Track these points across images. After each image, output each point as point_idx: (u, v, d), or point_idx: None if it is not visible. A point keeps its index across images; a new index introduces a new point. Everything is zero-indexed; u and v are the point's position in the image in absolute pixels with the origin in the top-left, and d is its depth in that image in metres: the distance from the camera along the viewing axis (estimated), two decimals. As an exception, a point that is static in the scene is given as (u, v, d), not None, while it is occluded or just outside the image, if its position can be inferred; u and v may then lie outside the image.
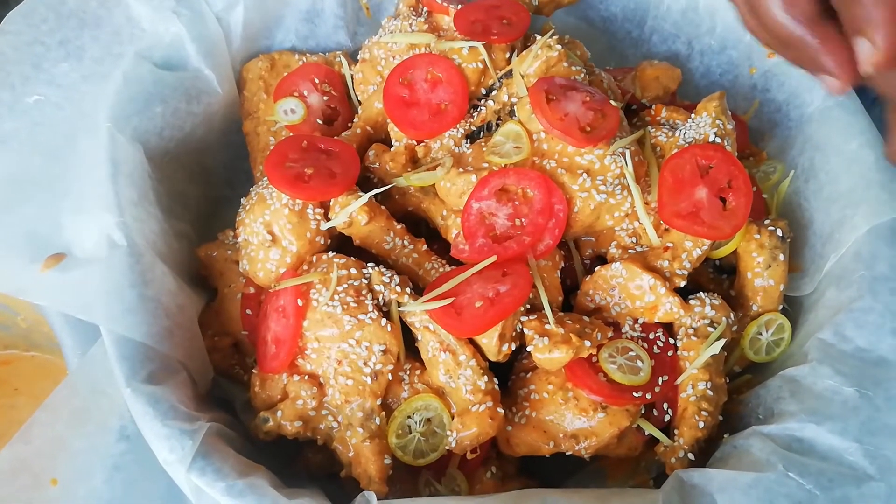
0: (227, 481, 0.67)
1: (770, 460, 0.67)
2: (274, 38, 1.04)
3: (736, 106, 1.01)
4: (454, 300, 0.75)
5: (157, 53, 0.93)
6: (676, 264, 0.80)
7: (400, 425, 0.76)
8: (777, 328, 0.83)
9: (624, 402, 0.74)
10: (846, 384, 0.70)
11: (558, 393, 0.76)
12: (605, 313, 0.81)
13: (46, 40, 0.93)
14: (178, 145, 0.93)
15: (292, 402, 0.77)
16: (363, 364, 0.76)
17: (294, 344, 0.77)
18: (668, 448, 0.76)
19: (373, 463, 0.73)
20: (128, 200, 0.81)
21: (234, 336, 0.88)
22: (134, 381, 0.71)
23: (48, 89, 0.93)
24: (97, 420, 0.74)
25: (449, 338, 0.76)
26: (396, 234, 0.84)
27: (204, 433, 0.70)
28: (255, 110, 1.00)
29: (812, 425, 0.68)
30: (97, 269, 0.76)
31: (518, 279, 0.75)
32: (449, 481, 0.78)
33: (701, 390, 0.76)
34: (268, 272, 0.83)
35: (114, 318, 0.74)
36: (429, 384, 0.78)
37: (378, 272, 0.79)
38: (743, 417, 0.78)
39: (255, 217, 0.83)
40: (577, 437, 0.75)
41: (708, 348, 0.76)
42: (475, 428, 0.73)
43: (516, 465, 0.82)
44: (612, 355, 0.76)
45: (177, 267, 0.85)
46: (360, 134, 0.93)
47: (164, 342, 0.76)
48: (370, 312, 0.76)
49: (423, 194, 0.87)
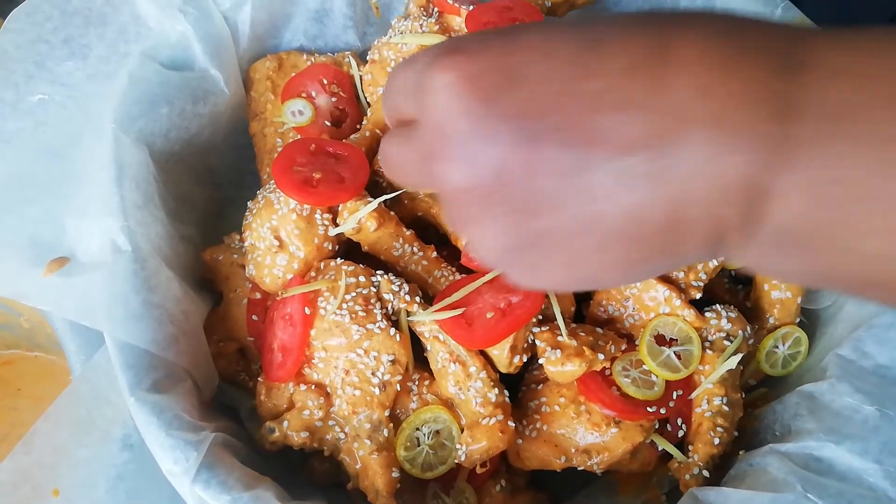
0: (231, 494, 0.66)
1: (788, 480, 0.65)
2: (282, 37, 1.02)
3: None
4: (465, 310, 0.74)
5: (163, 53, 0.91)
6: (692, 275, 0.78)
7: (408, 437, 0.75)
8: (794, 341, 0.81)
9: (637, 417, 0.73)
10: (866, 402, 0.68)
11: (570, 406, 0.74)
12: (618, 324, 0.79)
13: (51, 38, 0.91)
14: (184, 147, 0.91)
15: (299, 412, 0.76)
16: (371, 374, 0.74)
17: (301, 353, 0.76)
18: (682, 464, 0.74)
19: (380, 476, 0.72)
20: (132, 204, 0.79)
21: (239, 342, 0.87)
22: (138, 389, 0.70)
23: (52, 88, 0.91)
24: (100, 429, 0.73)
25: (459, 349, 0.74)
26: (406, 241, 0.82)
27: (209, 444, 0.69)
28: (262, 111, 0.98)
29: (831, 444, 0.67)
30: (101, 275, 0.75)
31: (530, 290, 0.73)
32: (457, 494, 0.76)
33: (716, 405, 0.74)
34: (274, 278, 0.81)
35: (118, 325, 0.72)
36: (438, 395, 0.77)
37: (387, 280, 0.78)
38: (759, 433, 0.77)
39: (262, 222, 0.82)
40: (589, 451, 0.73)
41: (724, 363, 0.74)
42: (485, 441, 0.72)
43: (526, 477, 0.81)
44: (625, 368, 0.75)
45: (182, 271, 0.84)
46: (368, 137, 0.91)
47: (169, 349, 0.74)
48: (379, 322, 0.75)
49: (432, 200, 0.85)
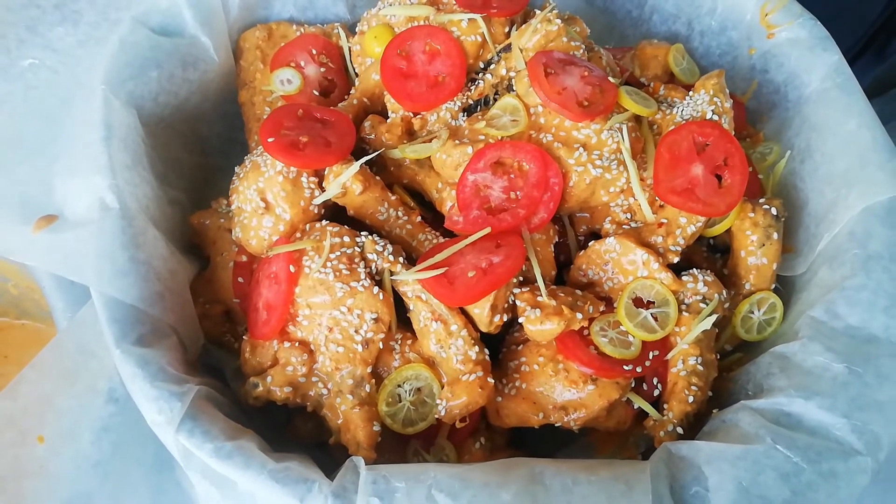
0: (215, 443, 0.67)
1: (758, 433, 0.67)
2: (272, 8, 1.03)
3: (735, 87, 1.00)
4: (447, 270, 0.75)
5: (153, 19, 0.92)
6: (670, 240, 0.80)
7: (390, 394, 0.76)
8: (769, 307, 0.83)
9: (614, 375, 0.74)
10: (836, 361, 0.70)
11: (549, 365, 0.76)
12: (597, 288, 0.81)
13: (42, 3, 0.92)
14: (174, 112, 0.92)
15: (282, 369, 0.77)
16: (354, 332, 0.76)
17: (285, 310, 0.77)
18: (657, 422, 0.76)
19: (361, 429, 0.73)
20: (121, 164, 0.80)
21: (225, 304, 0.88)
22: (124, 342, 0.71)
23: (43, 53, 0.92)
24: (86, 381, 0.74)
25: (441, 307, 0.76)
26: (391, 205, 0.83)
27: (193, 395, 0.70)
28: (251, 80, 0.99)
29: (801, 400, 0.68)
30: (89, 231, 0.76)
31: (511, 250, 0.75)
32: (438, 451, 0.78)
33: (691, 365, 0.76)
34: (260, 240, 0.83)
35: (104, 280, 0.73)
36: (420, 354, 0.78)
37: (371, 241, 0.79)
38: (732, 394, 0.79)
39: (248, 184, 0.83)
40: (566, 408, 0.75)
41: (699, 324, 0.76)
42: (465, 397, 0.73)
43: (506, 437, 0.82)
44: (603, 329, 0.76)
45: (169, 233, 0.85)
46: (356, 105, 0.93)
47: (154, 305, 0.75)
48: (362, 280, 0.76)
49: (418, 167, 0.87)
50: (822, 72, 0.89)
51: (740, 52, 1.00)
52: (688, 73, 0.98)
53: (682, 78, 0.97)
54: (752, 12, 0.98)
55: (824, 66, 0.89)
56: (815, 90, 0.90)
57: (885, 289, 0.73)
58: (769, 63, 0.97)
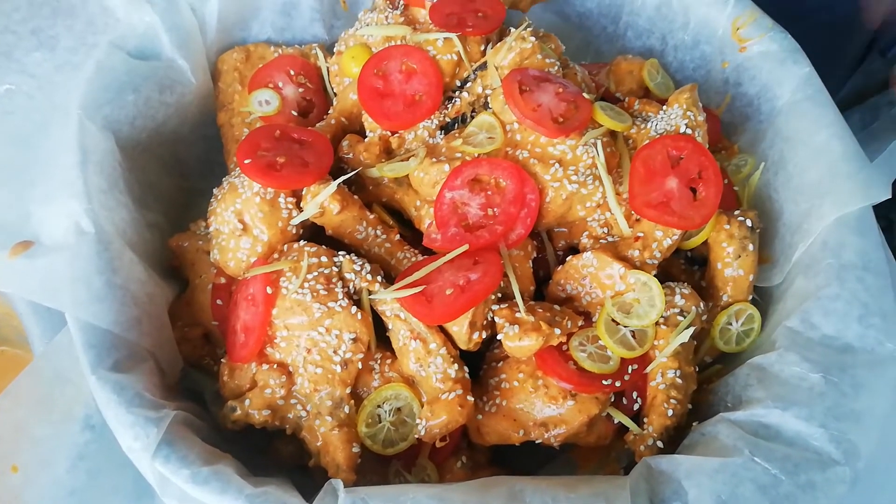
0: (191, 469, 0.66)
1: (736, 446, 0.67)
2: (250, 29, 1.04)
3: (709, 100, 1.01)
4: (425, 288, 0.75)
5: (130, 43, 0.93)
6: (647, 254, 0.80)
7: (370, 414, 0.76)
8: (747, 318, 0.83)
9: (593, 390, 0.74)
10: (813, 371, 0.70)
11: (528, 381, 0.76)
12: (576, 303, 0.81)
13: (18, 29, 0.92)
14: (151, 135, 0.93)
15: (261, 391, 0.76)
16: (333, 352, 0.75)
17: (263, 332, 0.76)
18: (637, 436, 0.76)
19: (341, 451, 0.73)
20: (97, 188, 0.80)
21: (204, 327, 0.87)
22: (100, 368, 0.71)
23: (20, 79, 0.92)
24: (61, 408, 0.73)
25: (420, 326, 0.76)
26: (369, 224, 0.84)
27: (170, 421, 0.69)
28: (229, 101, 1.00)
29: (778, 411, 0.69)
30: (64, 257, 0.76)
31: (489, 267, 0.75)
32: (419, 471, 0.77)
33: (670, 378, 0.76)
34: (238, 261, 0.82)
35: (80, 305, 0.73)
36: (399, 373, 0.78)
37: (349, 260, 0.79)
38: (712, 405, 0.79)
39: (226, 206, 0.83)
40: (546, 424, 0.75)
41: (677, 337, 0.76)
42: (444, 416, 0.73)
43: (487, 455, 0.82)
44: (582, 344, 0.76)
45: (148, 257, 0.84)
46: (334, 125, 0.93)
47: (131, 330, 0.75)
48: (340, 300, 0.76)
49: (396, 185, 0.87)
50: (792, 84, 0.91)
51: (714, 65, 1.01)
52: (663, 87, 0.99)
53: (658, 92, 0.98)
54: (724, 27, 0.99)
55: (795, 79, 0.91)
56: (786, 102, 0.91)
57: (859, 298, 0.73)
58: (742, 76, 0.98)
